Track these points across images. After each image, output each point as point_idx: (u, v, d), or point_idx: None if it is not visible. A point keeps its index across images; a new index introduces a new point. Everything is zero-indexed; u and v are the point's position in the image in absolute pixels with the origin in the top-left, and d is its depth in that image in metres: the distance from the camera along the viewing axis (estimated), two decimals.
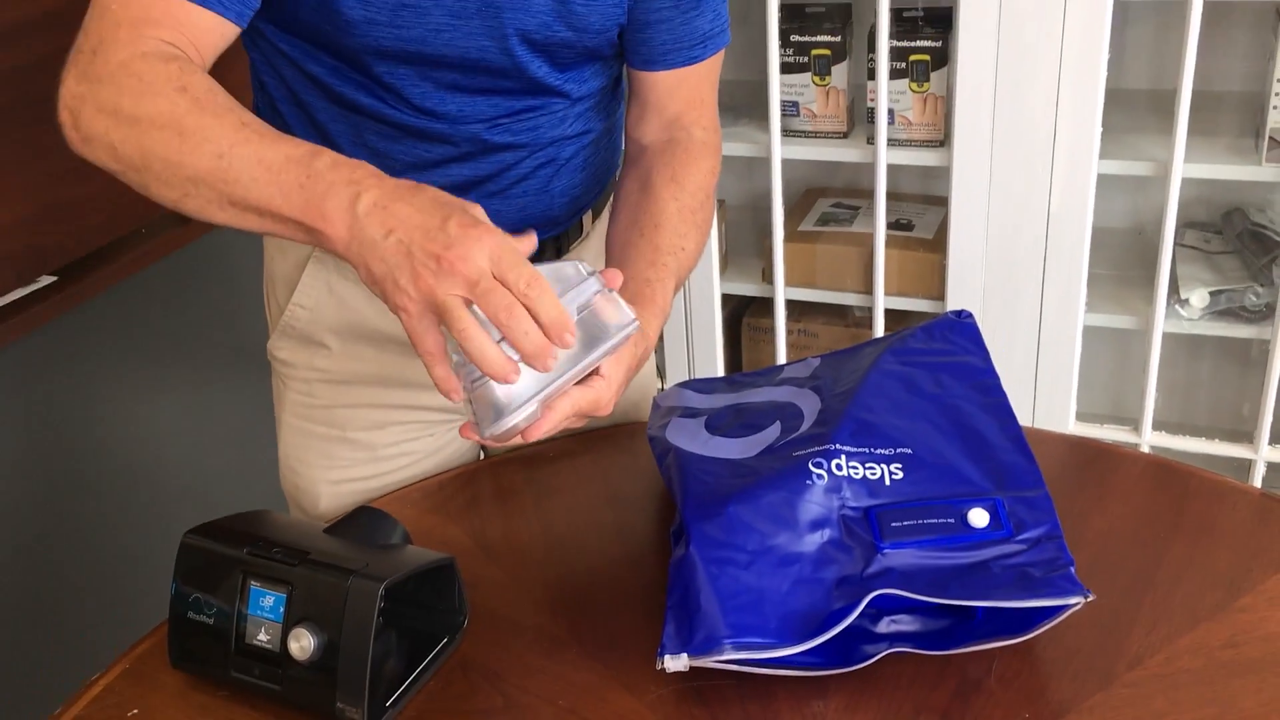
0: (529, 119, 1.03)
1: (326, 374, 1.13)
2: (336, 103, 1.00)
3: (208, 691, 0.87)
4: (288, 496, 1.20)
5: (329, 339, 1.12)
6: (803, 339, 2.18)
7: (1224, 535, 0.98)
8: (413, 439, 1.16)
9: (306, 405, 1.14)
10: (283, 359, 1.15)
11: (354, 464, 1.15)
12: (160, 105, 0.83)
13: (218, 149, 0.82)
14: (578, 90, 1.04)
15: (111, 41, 0.85)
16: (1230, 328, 1.88)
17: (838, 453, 0.92)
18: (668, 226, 1.03)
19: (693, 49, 1.06)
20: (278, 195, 0.81)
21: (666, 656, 0.84)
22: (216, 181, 0.82)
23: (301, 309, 1.11)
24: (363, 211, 0.79)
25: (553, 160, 1.06)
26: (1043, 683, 0.84)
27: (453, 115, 1.00)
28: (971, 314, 1.08)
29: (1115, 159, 1.80)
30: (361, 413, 1.14)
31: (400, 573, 0.83)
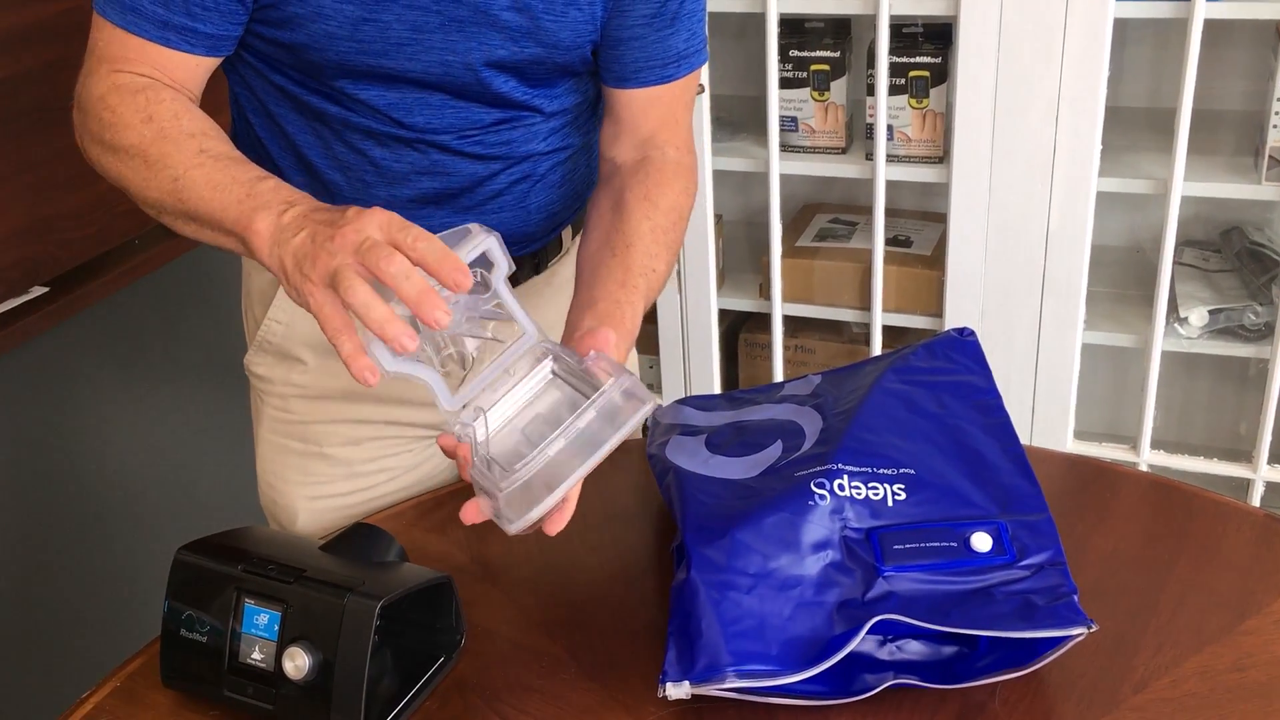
0: (500, 132, 1.02)
1: (302, 389, 1.12)
2: (302, 113, 1.00)
3: (200, 711, 0.86)
4: (266, 514, 1.19)
5: (304, 354, 1.11)
6: (800, 355, 2.17)
7: (1228, 557, 0.97)
8: (391, 455, 1.15)
9: (283, 421, 1.13)
10: (260, 374, 1.14)
11: (331, 480, 1.14)
12: (130, 137, 0.91)
13: (174, 173, 0.89)
14: (550, 106, 1.03)
15: (94, 75, 0.94)
16: (1229, 346, 1.87)
17: (840, 473, 0.91)
18: (640, 246, 1.01)
19: (666, 68, 1.05)
20: (218, 210, 0.86)
21: (668, 684, 0.83)
22: (174, 200, 0.89)
23: (277, 323, 1.11)
24: (286, 221, 0.82)
25: (529, 176, 1.06)
26: (1048, 707, 0.83)
27: (420, 126, 0.99)
28: (974, 332, 1.07)
29: (1114, 177, 1.80)
30: (338, 428, 1.12)
31: (397, 591, 0.82)
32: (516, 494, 0.81)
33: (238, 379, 1.19)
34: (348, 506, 1.13)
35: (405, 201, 1.02)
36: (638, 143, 1.09)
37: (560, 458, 0.81)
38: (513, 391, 0.87)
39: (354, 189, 1.01)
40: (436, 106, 0.98)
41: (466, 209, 1.04)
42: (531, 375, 0.87)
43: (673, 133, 1.10)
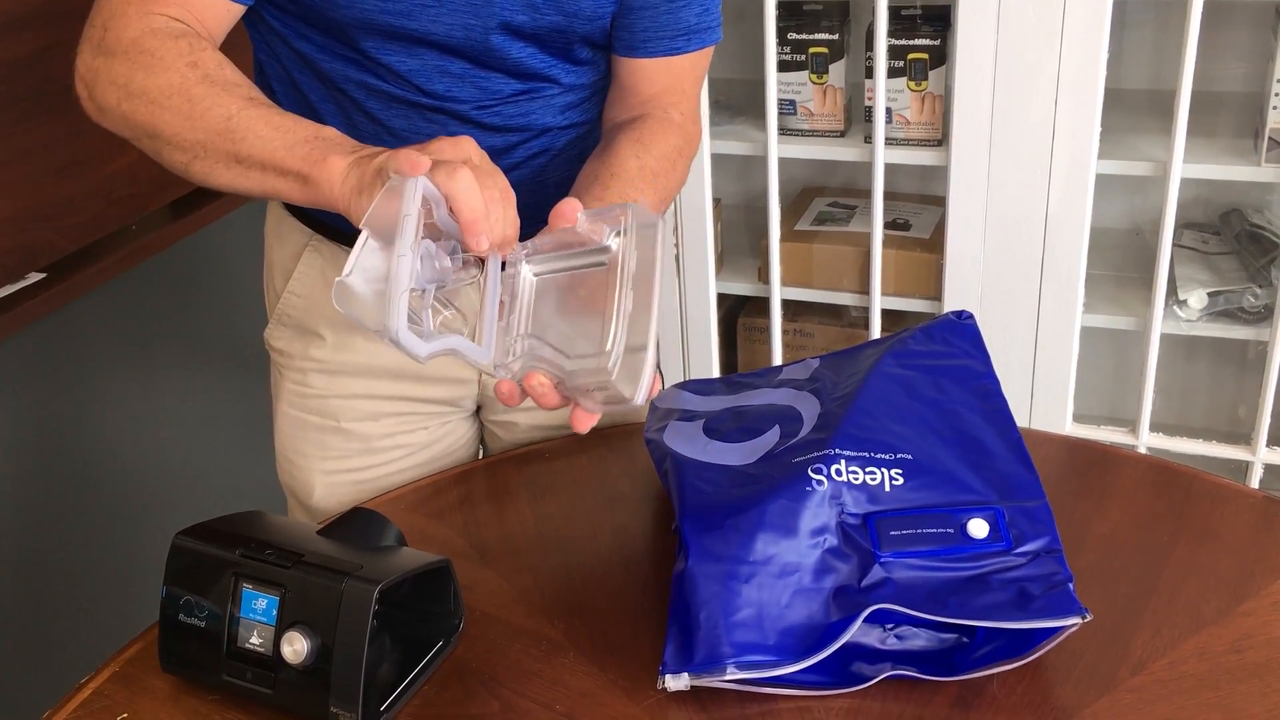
0: (519, 104, 1.02)
1: (321, 364, 1.12)
2: (326, 82, 1.00)
3: (199, 696, 0.86)
4: (284, 487, 1.20)
5: (323, 329, 1.11)
6: (798, 339, 2.17)
7: (1227, 539, 0.97)
8: (407, 431, 1.15)
9: (301, 395, 1.14)
10: (279, 348, 1.15)
11: (348, 455, 1.14)
12: (172, 79, 0.88)
13: (227, 112, 0.87)
14: (567, 78, 1.03)
15: (121, 18, 0.90)
16: (1228, 329, 1.87)
17: (837, 457, 0.91)
18: (624, 177, 0.99)
19: (675, 40, 1.05)
20: (282, 149, 0.85)
21: (668, 676, 0.83)
22: (224, 141, 0.86)
23: (297, 297, 1.11)
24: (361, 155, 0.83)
25: (546, 150, 1.06)
26: (1046, 688, 0.83)
27: (440, 94, 0.99)
28: (972, 315, 1.07)
29: (1114, 159, 1.80)
30: (355, 404, 1.13)
31: (395, 575, 0.82)
32: (621, 370, 0.79)
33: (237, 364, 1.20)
34: (363, 481, 1.14)
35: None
36: (638, 103, 1.08)
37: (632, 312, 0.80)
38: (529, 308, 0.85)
39: None
40: (456, 75, 0.99)
41: None
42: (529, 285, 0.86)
43: (679, 99, 1.09)
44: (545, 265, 0.86)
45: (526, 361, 0.83)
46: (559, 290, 0.85)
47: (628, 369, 0.78)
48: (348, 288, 0.78)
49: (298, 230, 1.12)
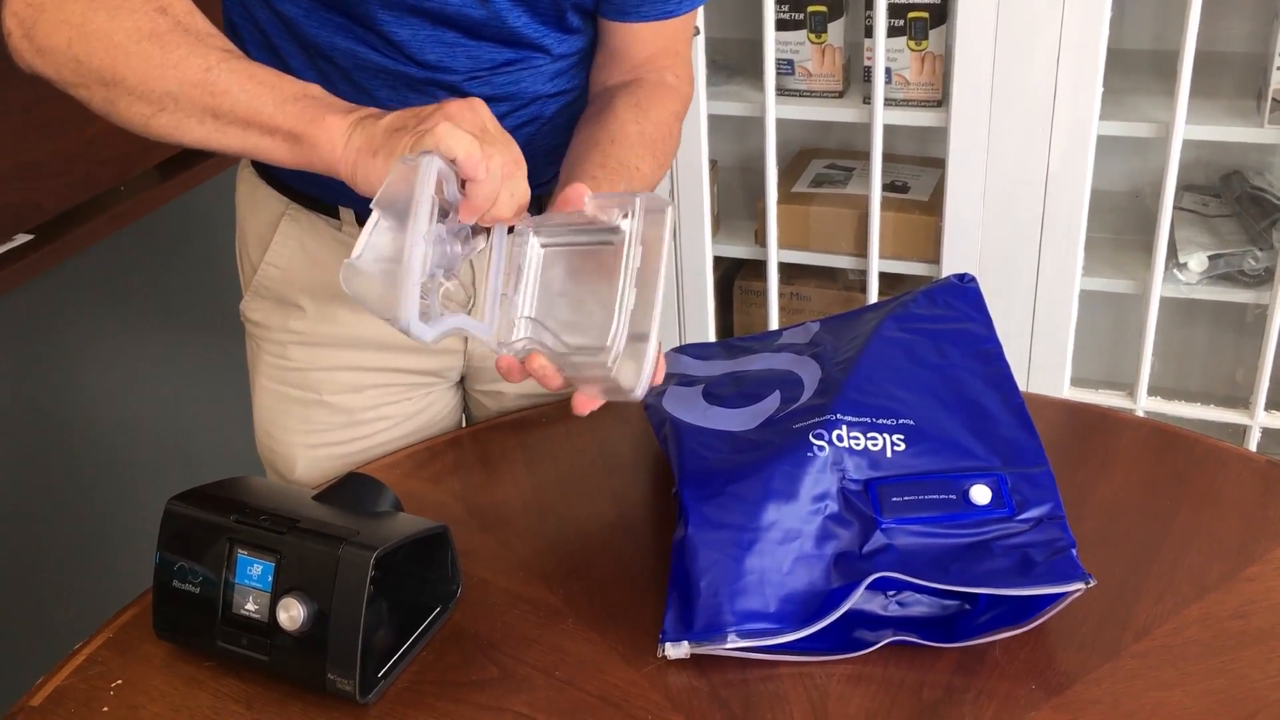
0: (509, 73, 1.00)
1: (301, 336, 1.10)
2: (309, 48, 0.97)
3: (194, 662, 0.85)
4: (264, 462, 1.17)
5: (303, 300, 1.09)
6: (795, 302, 2.16)
7: (1230, 504, 0.96)
8: (391, 403, 1.13)
9: (281, 368, 1.12)
10: (256, 320, 1.12)
11: (331, 428, 1.12)
12: (140, 21, 0.81)
13: (205, 63, 0.81)
14: (558, 47, 1.01)
15: None
16: (1228, 292, 1.86)
17: (838, 423, 0.90)
18: (624, 143, 0.98)
19: (669, 2, 1.03)
20: (271, 104, 0.80)
21: (668, 644, 0.82)
22: (202, 94, 0.81)
23: (274, 268, 1.09)
24: (362, 115, 0.79)
25: (536, 118, 1.03)
26: (1049, 654, 0.82)
27: (432, 64, 0.96)
28: (974, 278, 1.05)
29: (1115, 120, 1.78)
30: (338, 376, 1.11)
31: (392, 541, 0.81)
32: (623, 362, 0.78)
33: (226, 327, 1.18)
34: (347, 455, 1.12)
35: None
36: (631, 67, 1.07)
37: (635, 305, 0.79)
38: (534, 283, 0.84)
39: None
40: (449, 44, 0.96)
41: None
42: (535, 258, 0.84)
43: (672, 61, 1.07)
44: (553, 238, 0.85)
45: (529, 343, 0.82)
46: (566, 267, 0.84)
47: (629, 361, 0.78)
48: (357, 270, 0.75)
49: (273, 198, 1.09)
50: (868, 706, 0.79)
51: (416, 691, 0.83)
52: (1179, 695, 0.78)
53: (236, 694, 0.83)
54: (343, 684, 0.79)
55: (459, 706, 0.81)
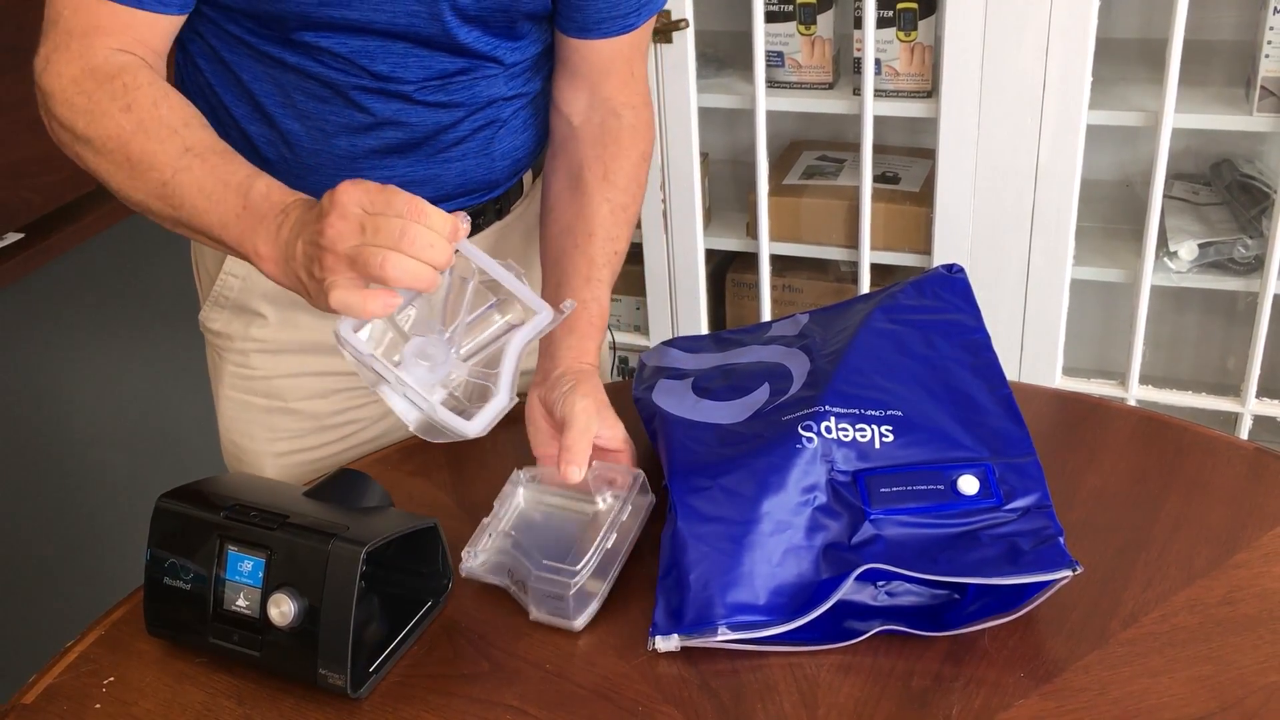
0: (462, 81, 0.99)
1: (264, 344, 1.09)
2: (260, 61, 0.96)
3: (186, 659, 0.86)
4: (231, 472, 1.17)
5: (264, 307, 1.08)
6: (787, 294, 2.16)
7: (1219, 491, 0.96)
8: (358, 406, 1.13)
9: (245, 377, 1.11)
10: (216, 330, 1.11)
11: (299, 435, 1.12)
12: (108, 128, 0.86)
13: (162, 177, 0.86)
14: (510, 56, 1.01)
15: (64, 52, 0.88)
16: (1218, 280, 1.86)
17: (827, 414, 0.90)
18: (601, 233, 1.03)
19: (628, 17, 1.03)
20: (217, 224, 0.85)
21: (658, 638, 0.82)
22: (164, 205, 0.87)
23: (233, 277, 1.07)
24: (285, 237, 0.82)
25: (493, 121, 1.03)
26: (1037, 642, 0.83)
27: (384, 75, 0.96)
28: (962, 268, 1.06)
29: (1105, 109, 1.78)
30: (303, 382, 1.10)
31: (382, 536, 0.81)
32: (575, 596, 0.85)
33: None
34: (317, 460, 1.12)
35: (367, 152, 0.99)
36: (597, 101, 1.07)
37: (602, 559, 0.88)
38: (513, 515, 0.93)
39: (313, 138, 0.98)
40: (400, 55, 0.95)
41: (429, 157, 1.01)
42: (519, 504, 0.94)
43: (630, 92, 1.08)
44: (537, 495, 0.94)
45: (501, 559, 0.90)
46: (543, 517, 0.93)
47: (579, 598, 0.85)
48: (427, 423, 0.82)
49: None
50: (857, 696, 0.79)
51: (408, 686, 0.83)
52: (1167, 682, 0.79)
53: (228, 690, 0.83)
54: (334, 679, 0.80)
55: (451, 700, 0.81)
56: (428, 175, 1.01)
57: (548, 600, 0.85)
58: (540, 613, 0.86)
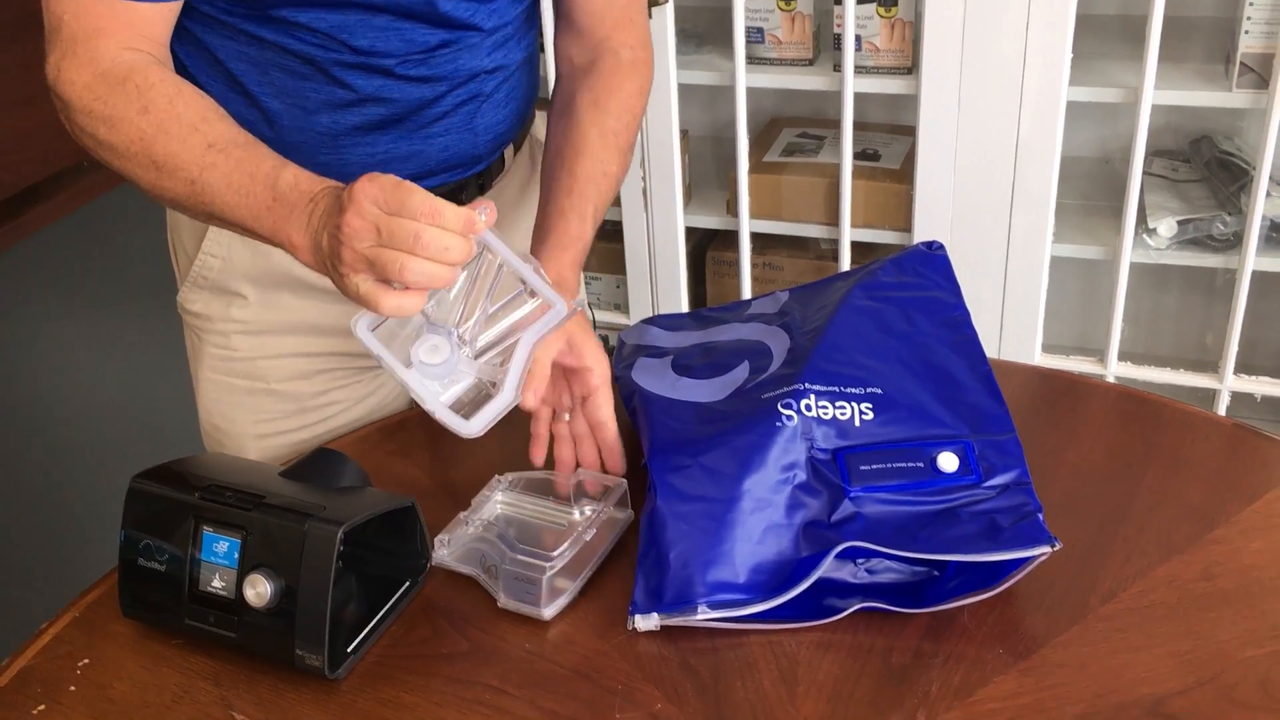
0: (444, 55, 0.98)
1: (244, 325, 1.08)
2: (236, 39, 0.95)
3: (161, 640, 0.85)
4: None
5: (245, 288, 1.07)
6: (768, 272, 2.15)
7: (1197, 467, 0.97)
8: (340, 386, 1.12)
9: (225, 358, 1.10)
10: (196, 311, 1.10)
11: (281, 416, 1.11)
12: (129, 133, 0.87)
13: (189, 175, 0.87)
14: (489, 21, 1.00)
15: (72, 59, 0.88)
16: (1197, 257, 1.87)
17: (807, 392, 0.90)
18: (588, 154, 1.03)
19: None
20: (250, 218, 0.86)
21: (637, 617, 0.82)
22: (196, 203, 0.88)
23: (213, 258, 1.06)
24: (315, 228, 0.83)
25: (476, 95, 1.02)
26: (1016, 618, 0.83)
27: (364, 49, 0.95)
28: (942, 245, 1.05)
29: (1085, 86, 1.78)
30: (284, 363, 1.09)
31: (359, 516, 0.81)
32: (556, 578, 0.86)
33: None
34: (300, 442, 1.11)
35: (349, 129, 0.98)
36: (593, 44, 1.08)
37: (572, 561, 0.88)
38: (492, 520, 0.94)
39: (294, 116, 0.97)
40: (380, 28, 0.94)
41: (412, 133, 1.00)
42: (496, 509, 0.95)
43: (628, 33, 1.08)
44: (515, 499, 0.94)
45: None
46: (519, 520, 0.93)
47: (550, 587, 0.85)
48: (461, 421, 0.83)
49: None
50: (836, 673, 0.79)
51: (386, 666, 0.82)
52: (1145, 657, 0.79)
53: (205, 671, 0.82)
54: (311, 660, 0.79)
55: (430, 680, 0.81)
56: (410, 151, 1.00)
57: (518, 586, 0.85)
58: (509, 599, 0.85)
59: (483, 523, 0.92)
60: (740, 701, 0.78)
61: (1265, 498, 0.92)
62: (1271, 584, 0.84)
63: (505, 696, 0.79)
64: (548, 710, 0.78)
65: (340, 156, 0.98)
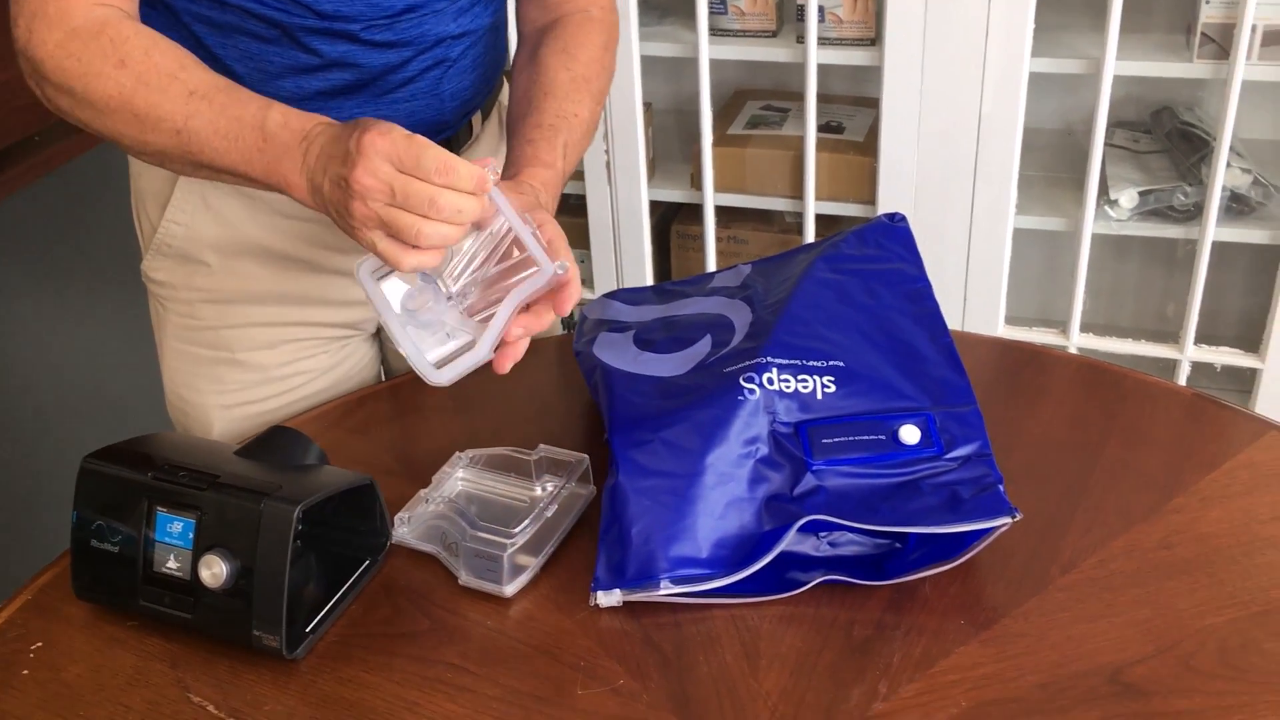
0: (410, 19, 0.97)
1: (209, 293, 1.07)
2: (199, 1, 0.93)
3: (116, 622, 0.84)
4: (178, 427, 1.14)
5: (209, 256, 1.05)
6: (733, 245, 2.15)
7: (1157, 436, 0.97)
8: (307, 357, 1.11)
9: (190, 328, 1.08)
10: (160, 280, 1.08)
11: (246, 387, 1.09)
12: (107, 88, 0.86)
13: (174, 125, 0.85)
14: None
15: (42, 19, 0.87)
16: (1158, 228, 1.88)
17: (769, 366, 0.89)
18: (557, 93, 1.01)
19: None
20: (241, 162, 0.85)
21: (599, 593, 0.82)
22: (183, 153, 0.87)
23: (176, 225, 1.05)
24: (313, 164, 0.82)
25: (441, 61, 1.01)
26: (977, 589, 0.83)
27: (329, 13, 0.93)
28: (904, 217, 1.05)
29: (1047, 57, 1.78)
30: (250, 332, 1.08)
31: (317, 495, 0.80)
32: (509, 562, 0.85)
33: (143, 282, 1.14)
34: (265, 413, 1.10)
35: (313, 93, 0.96)
36: (556, 4, 1.07)
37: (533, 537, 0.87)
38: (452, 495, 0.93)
39: (257, 82, 0.95)
40: None
41: (377, 98, 0.99)
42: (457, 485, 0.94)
43: None
44: (476, 476, 0.94)
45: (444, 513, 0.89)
46: (480, 497, 0.93)
47: (512, 564, 0.84)
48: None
49: None
50: (799, 646, 0.79)
51: (346, 645, 0.82)
52: (1105, 626, 0.79)
53: (160, 653, 0.81)
54: (269, 640, 0.78)
55: (391, 659, 0.80)
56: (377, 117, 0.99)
57: (479, 563, 0.84)
58: (470, 577, 0.85)
59: (443, 500, 0.91)
60: (703, 676, 0.77)
61: (1224, 467, 0.92)
62: (1229, 552, 0.84)
63: (467, 675, 0.79)
64: (509, 688, 0.77)
65: None
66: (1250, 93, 1.72)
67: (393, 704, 0.77)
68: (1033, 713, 0.73)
